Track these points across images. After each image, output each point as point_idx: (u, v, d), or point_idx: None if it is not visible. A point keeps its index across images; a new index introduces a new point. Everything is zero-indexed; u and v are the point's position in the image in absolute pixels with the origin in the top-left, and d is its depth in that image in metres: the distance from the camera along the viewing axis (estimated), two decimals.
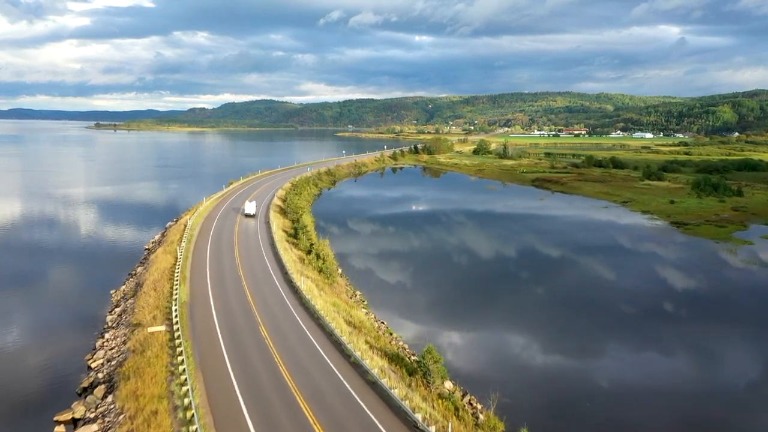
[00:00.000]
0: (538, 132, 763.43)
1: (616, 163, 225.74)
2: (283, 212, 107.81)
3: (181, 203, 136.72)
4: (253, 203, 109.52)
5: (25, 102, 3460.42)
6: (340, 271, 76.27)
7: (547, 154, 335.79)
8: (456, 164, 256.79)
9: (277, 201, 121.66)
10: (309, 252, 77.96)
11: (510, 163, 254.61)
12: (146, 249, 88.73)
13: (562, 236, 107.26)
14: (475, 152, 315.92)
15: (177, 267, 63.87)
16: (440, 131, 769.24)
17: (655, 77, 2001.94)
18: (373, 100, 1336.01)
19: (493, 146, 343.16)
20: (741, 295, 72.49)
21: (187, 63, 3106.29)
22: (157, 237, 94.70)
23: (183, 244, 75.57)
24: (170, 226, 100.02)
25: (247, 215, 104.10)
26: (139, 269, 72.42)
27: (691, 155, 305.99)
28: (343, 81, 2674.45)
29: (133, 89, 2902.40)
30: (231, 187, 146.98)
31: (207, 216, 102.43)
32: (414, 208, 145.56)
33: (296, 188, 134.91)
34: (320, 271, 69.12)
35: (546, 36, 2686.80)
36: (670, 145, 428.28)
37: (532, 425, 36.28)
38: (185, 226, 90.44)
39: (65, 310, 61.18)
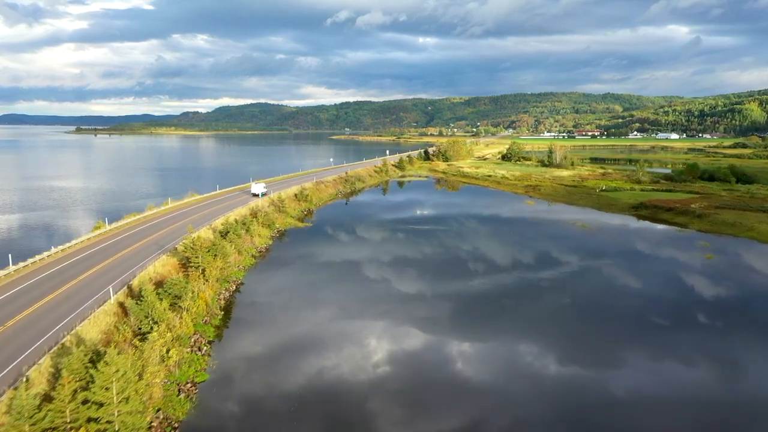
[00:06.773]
0: (548, 134, 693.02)
1: (739, 175, 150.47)
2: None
3: None
4: (261, 185, 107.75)
5: (23, 107, 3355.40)
6: None
7: (594, 160, 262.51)
8: (489, 176, 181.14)
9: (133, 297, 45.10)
10: None
11: (565, 174, 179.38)
12: None
13: None
14: (505, 158, 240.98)
15: None
16: (443, 133, 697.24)
17: (662, 78, 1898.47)
18: (371, 102, 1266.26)
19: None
20: None
21: (188, 66, 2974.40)
22: None
23: None
24: None
25: (254, 195, 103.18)
26: None
27: None
28: (344, 84, 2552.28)
29: (132, 94, 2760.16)
30: (84, 238, 70.84)
31: None
32: (462, 283, 70.26)
33: (209, 250, 58.66)
34: None
35: (552, 37, 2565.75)
36: (729, 147, 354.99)
37: None
38: None
39: None
